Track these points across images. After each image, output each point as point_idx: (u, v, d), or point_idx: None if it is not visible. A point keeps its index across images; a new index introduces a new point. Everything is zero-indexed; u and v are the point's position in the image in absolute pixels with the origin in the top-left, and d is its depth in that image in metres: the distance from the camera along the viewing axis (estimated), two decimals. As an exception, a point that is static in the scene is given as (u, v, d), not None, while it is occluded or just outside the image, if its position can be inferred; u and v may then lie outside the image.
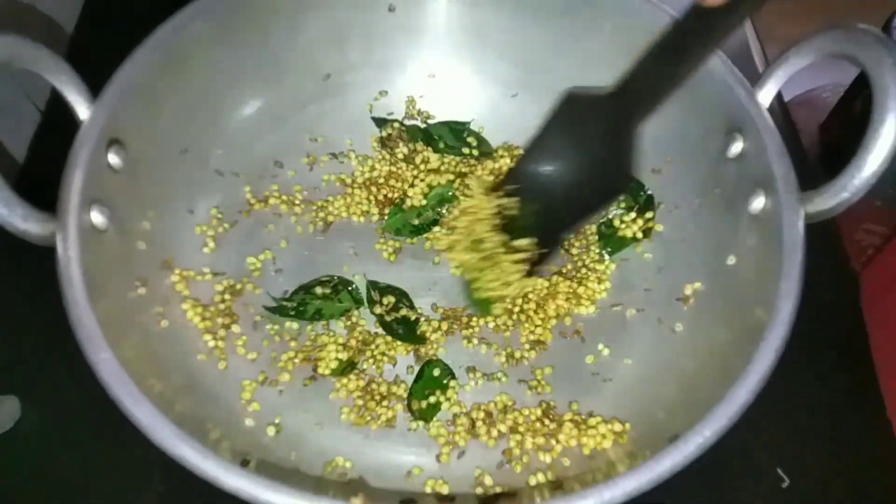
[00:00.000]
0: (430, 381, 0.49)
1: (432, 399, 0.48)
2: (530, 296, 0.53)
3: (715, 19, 0.39)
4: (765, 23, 0.75)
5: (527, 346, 0.51)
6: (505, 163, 0.59)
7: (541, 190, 0.50)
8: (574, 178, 0.49)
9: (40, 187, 0.40)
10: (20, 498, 0.46)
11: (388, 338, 0.51)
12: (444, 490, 0.44)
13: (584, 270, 0.54)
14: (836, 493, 0.48)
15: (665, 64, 0.42)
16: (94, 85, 0.43)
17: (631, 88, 0.44)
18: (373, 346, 0.51)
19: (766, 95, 0.45)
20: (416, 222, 0.57)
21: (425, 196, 0.57)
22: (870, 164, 0.38)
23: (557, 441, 0.46)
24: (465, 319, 0.52)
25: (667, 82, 0.43)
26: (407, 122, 0.61)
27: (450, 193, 0.57)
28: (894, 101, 0.36)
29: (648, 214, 0.55)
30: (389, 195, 0.58)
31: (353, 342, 0.50)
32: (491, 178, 0.58)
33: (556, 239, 0.51)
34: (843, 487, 0.49)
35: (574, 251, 0.56)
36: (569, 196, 0.49)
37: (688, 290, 0.50)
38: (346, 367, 0.49)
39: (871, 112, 0.37)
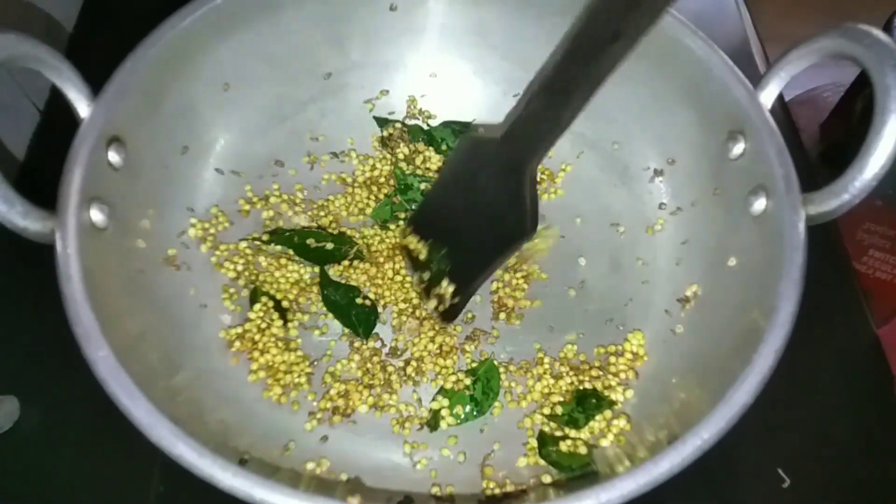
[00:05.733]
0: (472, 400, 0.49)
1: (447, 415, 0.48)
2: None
3: (598, 55, 0.39)
4: (766, 23, 0.75)
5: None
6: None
7: (446, 234, 0.50)
8: (475, 222, 0.48)
9: (40, 185, 0.40)
10: (20, 498, 0.46)
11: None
12: (444, 491, 0.44)
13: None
14: (836, 493, 0.48)
15: (551, 107, 0.41)
16: (94, 83, 0.43)
17: (519, 133, 0.43)
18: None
19: (767, 96, 0.45)
20: (402, 216, 0.57)
21: (421, 193, 0.57)
22: (871, 165, 0.37)
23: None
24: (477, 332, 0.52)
25: (554, 126, 0.42)
26: (408, 122, 0.61)
27: None
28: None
29: None
30: (390, 195, 0.58)
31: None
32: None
33: (467, 287, 0.50)
34: (843, 488, 0.49)
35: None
36: (472, 242, 0.49)
37: (688, 292, 0.50)
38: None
39: (872, 113, 0.37)
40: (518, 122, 0.43)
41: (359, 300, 0.52)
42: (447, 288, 0.50)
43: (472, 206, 0.49)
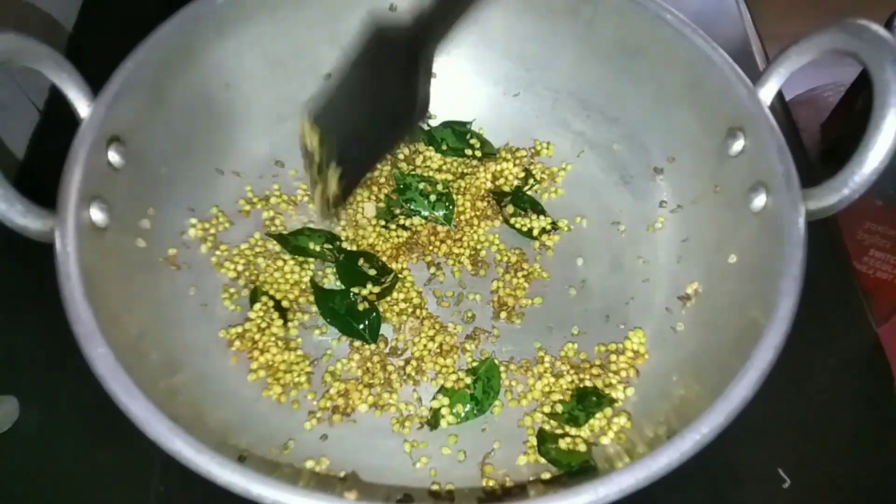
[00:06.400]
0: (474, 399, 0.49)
1: (449, 413, 0.48)
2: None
3: None
4: (766, 22, 0.75)
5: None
6: (507, 165, 0.59)
7: (342, 121, 0.49)
8: (369, 109, 0.48)
9: (40, 184, 0.40)
10: (19, 498, 0.46)
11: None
12: (443, 488, 0.44)
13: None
14: (836, 493, 0.48)
15: None
16: (94, 83, 0.43)
17: (421, 18, 0.43)
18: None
19: (767, 93, 0.45)
20: (398, 211, 0.57)
21: (420, 193, 0.57)
22: (870, 160, 0.37)
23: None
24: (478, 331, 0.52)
25: (452, 9, 0.43)
26: (408, 122, 0.61)
27: (446, 191, 0.57)
28: (895, 97, 0.36)
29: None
30: (391, 195, 0.58)
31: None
32: (492, 180, 0.58)
33: (356, 173, 0.49)
34: (844, 488, 0.48)
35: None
36: (364, 129, 0.48)
37: (689, 290, 0.50)
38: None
39: (871, 109, 0.37)
40: (421, 11, 0.43)
41: (359, 305, 0.52)
42: (334, 173, 0.48)
43: (369, 92, 0.48)
